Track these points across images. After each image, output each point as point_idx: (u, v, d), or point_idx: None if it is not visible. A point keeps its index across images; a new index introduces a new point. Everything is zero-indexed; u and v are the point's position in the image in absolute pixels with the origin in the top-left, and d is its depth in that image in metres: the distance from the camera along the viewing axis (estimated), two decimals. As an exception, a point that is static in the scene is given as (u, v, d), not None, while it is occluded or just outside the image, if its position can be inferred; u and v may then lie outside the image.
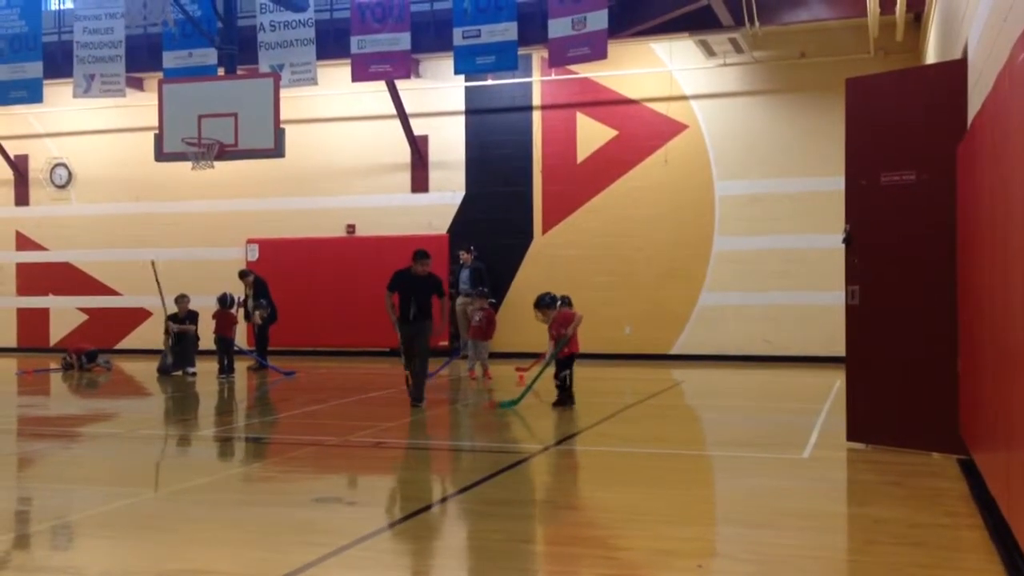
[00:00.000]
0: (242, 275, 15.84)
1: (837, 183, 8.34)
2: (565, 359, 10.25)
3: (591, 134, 17.56)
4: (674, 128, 17.15)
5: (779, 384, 13.71)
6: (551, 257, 17.58)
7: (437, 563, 4.98)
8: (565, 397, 10.25)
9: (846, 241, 7.61)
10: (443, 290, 10.78)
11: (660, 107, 17.21)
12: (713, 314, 16.92)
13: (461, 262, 17.25)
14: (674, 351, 17.05)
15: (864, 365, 7.57)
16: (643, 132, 17.28)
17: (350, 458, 7.81)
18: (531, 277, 17.59)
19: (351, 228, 18.70)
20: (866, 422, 7.57)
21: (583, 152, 17.63)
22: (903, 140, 7.37)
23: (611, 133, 17.49)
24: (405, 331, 10.49)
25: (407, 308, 10.43)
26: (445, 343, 17.32)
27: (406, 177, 18.59)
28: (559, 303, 10.64)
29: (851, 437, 7.64)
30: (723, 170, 16.94)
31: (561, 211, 17.75)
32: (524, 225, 17.90)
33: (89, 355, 15.77)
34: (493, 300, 15.42)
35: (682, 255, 17.07)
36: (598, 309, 16.47)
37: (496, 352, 14.43)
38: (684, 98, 17.14)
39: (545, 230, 17.85)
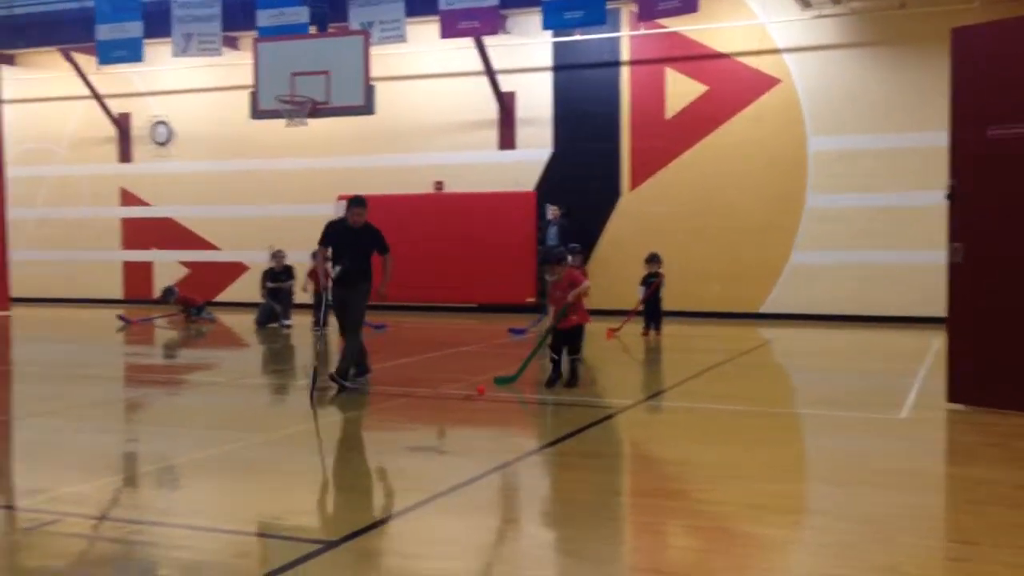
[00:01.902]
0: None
1: (935, 138, 8.10)
2: (573, 330, 8.70)
3: (680, 89, 17.29)
4: (766, 83, 16.76)
5: (873, 344, 13.44)
6: (639, 214, 17.45)
7: (527, 512, 5.09)
8: (574, 377, 8.79)
9: (950, 197, 7.38)
10: (385, 244, 9.00)
11: (752, 61, 16.82)
12: (804, 272, 16.62)
13: (549, 219, 17.27)
14: (763, 309, 16.82)
15: (967, 325, 7.37)
16: (734, 87, 16.93)
17: (441, 410, 7.98)
18: (619, 234, 17.52)
19: (439, 185, 18.85)
20: (968, 383, 7.39)
21: (672, 108, 17.38)
22: (1012, 92, 7.09)
23: (701, 88, 17.18)
24: (337, 294, 8.89)
25: (345, 267, 8.79)
26: (532, 299, 17.46)
27: (493, 134, 18.61)
28: (570, 260, 9.13)
29: (952, 398, 7.48)
30: (817, 126, 16.52)
31: (649, 168, 17.57)
32: (612, 182, 17.78)
33: (198, 308, 16.33)
34: (583, 255, 15.41)
35: (773, 212, 16.76)
36: (686, 266, 16.35)
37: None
38: (777, 52, 16.71)
39: (633, 187, 17.71)
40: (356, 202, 8.92)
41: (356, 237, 8.81)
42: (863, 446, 6.43)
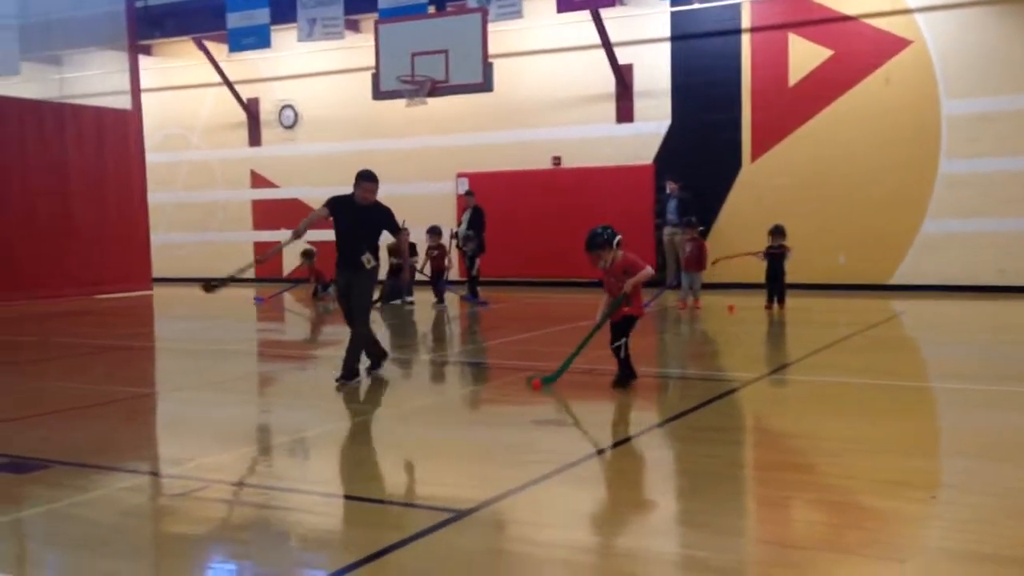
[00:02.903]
0: (468, 195, 16.14)
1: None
2: (623, 322, 7.48)
3: (804, 55, 16.78)
4: (896, 45, 16.10)
5: (1013, 316, 12.82)
6: (760, 185, 17.08)
7: (652, 485, 5.10)
8: (625, 373, 7.53)
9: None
10: (397, 225, 8.13)
11: (881, 23, 16.17)
12: (937, 242, 15.96)
13: (667, 192, 17.08)
14: (893, 281, 16.25)
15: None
16: (861, 50, 16.33)
17: (564, 384, 8.02)
18: (739, 206, 17.20)
19: (557, 160, 18.87)
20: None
21: (795, 75, 16.89)
22: None
23: (826, 53, 16.63)
24: (340, 279, 8.02)
25: (346, 247, 7.83)
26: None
27: (611, 107, 18.49)
28: (616, 241, 7.38)
29: (1098, 372, 7.10)
30: (951, 88, 15.78)
31: (772, 137, 17.15)
32: (732, 153, 17.44)
33: (325, 285, 16.88)
34: (702, 229, 15.21)
35: (903, 180, 16.13)
36: (810, 238, 15.93)
37: (703, 283, 14.27)
38: (908, 11, 16.02)
39: (754, 158, 17.32)
40: (365, 176, 7.82)
41: (364, 215, 7.86)
42: (1004, 421, 6.18)
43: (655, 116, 18.04)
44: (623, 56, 17.98)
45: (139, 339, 12.55)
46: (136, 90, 19.52)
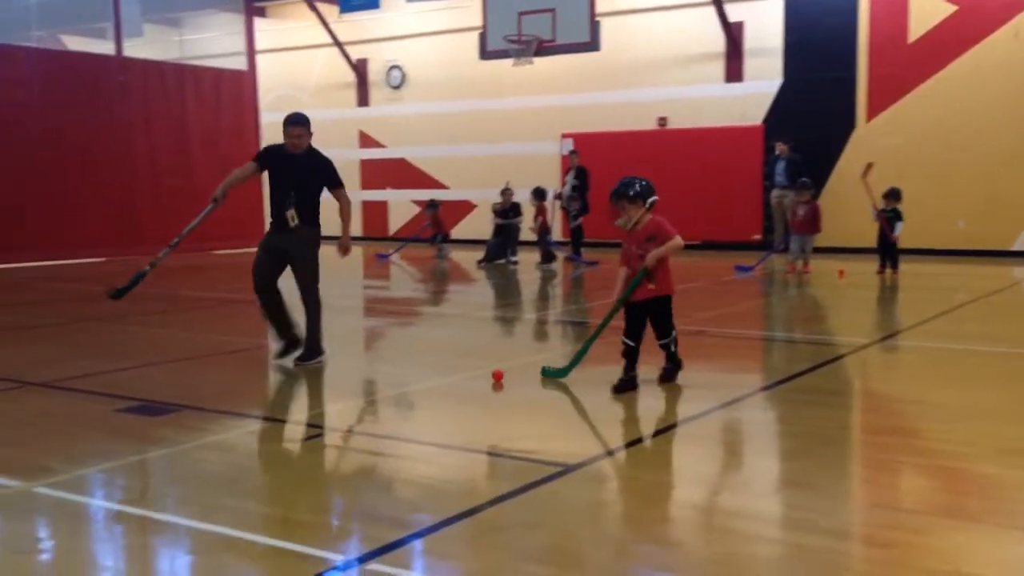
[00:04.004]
0: (572, 154, 16.10)
1: None
2: (653, 306, 6.09)
3: (926, 10, 16.08)
4: (1027, -2, 15.29)
5: None
6: (876, 146, 16.51)
7: (758, 445, 5.08)
8: (673, 365, 6.21)
9: None
10: (337, 177, 6.90)
11: (1011, -25, 15.36)
12: (1066, 207, 15.21)
13: (776, 153, 16.69)
14: (1016, 247, 15.58)
15: None
16: (989, 4, 15.56)
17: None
18: (852, 169, 16.65)
19: (663, 121, 18.63)
20: None
21: (916, 30, 16.22)
22: None
23: (949, 8, 15.90)
24: (268, 242, 6.93)
25: (280, 204, 6.75)
26: (758, 236, 17.01)
27: (719, 66, 18.12)
28: (651, 201, 6.07)
29: None
30: (1087, 44, 14.92)
31: (889, 96, 16.54)
32: (846, 113, 16.91)
33: (444, 236, 17.14)
34: (815, 191, 14.84)
35: (1030, 142, 15.39)
36: (928, 202, 15.40)
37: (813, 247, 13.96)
38: (1042, -38, 15.18)
39: (870, 117, 16.76)
40: (291, 120, 6.71)
41: (298, 166, 6.72)
42: None
43: (766, 75, 17.60)
44: (734, 13, 17.56)
45: (251, 293, 12.98)
46: (251, 51, 20.06)
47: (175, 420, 5.38)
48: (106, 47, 18.31)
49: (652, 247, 5.93)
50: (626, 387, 5.91)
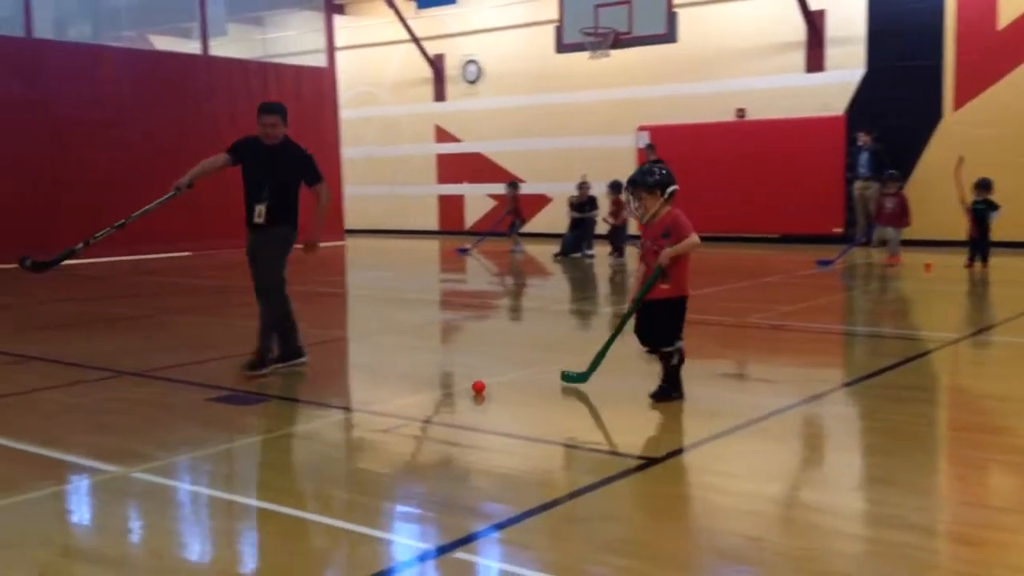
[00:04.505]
0: (649, 148, 16.02)
1: None
2: (662, 308, 5.57)
3: (1018, -5, 15.55)
4: None
5: None
6: (963, 137, 16.02)
7: (841, 441, 5.01)
8: (669, 383, 5.58)
9: None
10: (317, 173, 6.45)
11: (1110, -44, 14.75)
12: None
13: (859, 144, 16.34)
14: (1113, 240, 14.97)
15: None
16: (1085, -12, 14.97)
17: (750, 338, 7.94)
18: (939, 160, 16.20)
19: (741, 112, 18.37)
20: None
21: (1006, 16, 15.68)
22: None
23: (1043, -8, 15.35)
24: (248, 248, 6.55)
25: (251, 200, 6.36)
26: (839, 229, 16.68)
27: (800, 56, 17.78)
28: (669, 191, 5.52)
29: None
30: None
31: (977, 85, 16.04)
32: (932, 102, 16.44)
33: (522, 221, 17.16)
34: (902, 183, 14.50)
35: None
36: (1017, 193, 14.87)
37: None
38: None
39: (957, 107, 16.27)
40: (262, 108, 6.35)
41: (271, 159, 6.34)
42: None
43: (848, 64, 17.22)
44: (815, 1, 17.21)
45: (333, 286, 13.26)
46: (331, 48, 20.40)
47: (262, 410, 5.54)
48: (192, 47, 18.82)
49: (667, 244, 5.46)
50: (667, 394, 5.53)
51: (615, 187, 15.51)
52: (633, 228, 16.36)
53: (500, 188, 20.12)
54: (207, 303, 11.08)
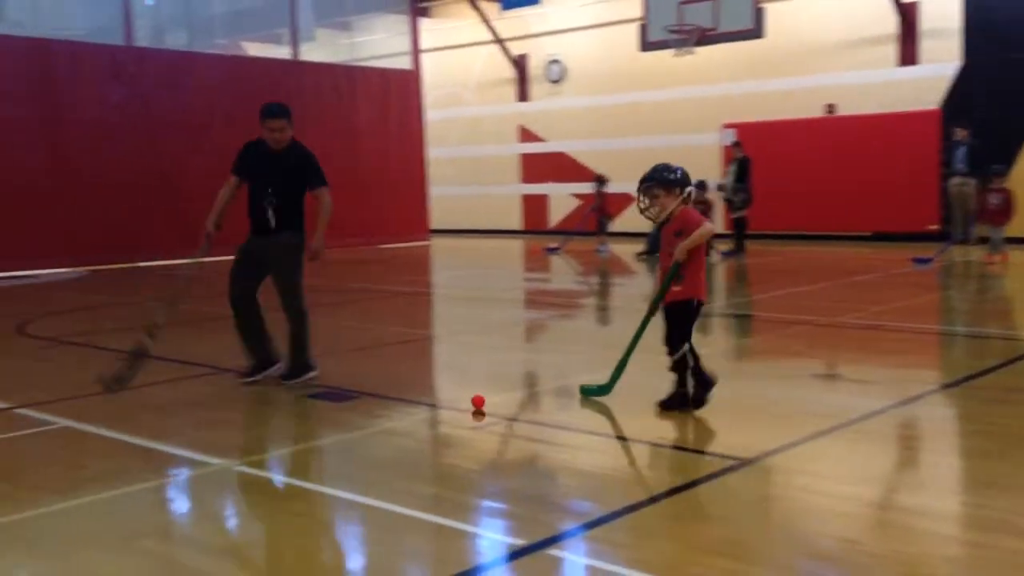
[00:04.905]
0: (735, 146, 15.73)
1: None
2: (675, 311, 5.33)
3: None
4: None
5: None
6: (1068, 130, 15.43)
7: (943, 444, 4.88)
8: (679, 391, 5.35)
9: None
10: (322, 177, 6.18)
11: None
12: None
13: (955, 139, 15.81)
14: None
15: None
16: None
17: (843, 338, 7.78)
18: (1041, 153, 15.66)
19: (830, 108, 17.99)
20: None
21: (1115, 4, 15.03)
22: None
23: None
24: (247, 248, 6.23)
25: (258, 207, 6.11)
26: (935, 227, 16.20)
27: (891, 49, 17.33)
28: (687, 191, 5.35)
29: None
30: None
31: (1082, 76, 15.41)
32: (1034, 95, 15.86)
33: (608, 217, 17.11)
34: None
35: None
36: None
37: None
38: None
39: (1060, 99, 15.66)
40: (268, 112, 6.05)
41: (278, 165, 6.09)
42: None
43: (943, 57, 16.71)
44: (908, -7, 16.78)
45: (418, 286, 13.45)
46: (416, 51, 20.67)
47: (355, 406, 5.66)
48: (282, 52, 19.28)
49: (680, 243, 5.21)
50: (683, 401, 5.28)
51: (700, 186, 15.35)
52: (718, 227, 16.18)
53: (584, 187, 20.12)
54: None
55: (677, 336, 5.27)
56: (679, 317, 5.29)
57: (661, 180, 5.30)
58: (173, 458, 4.70)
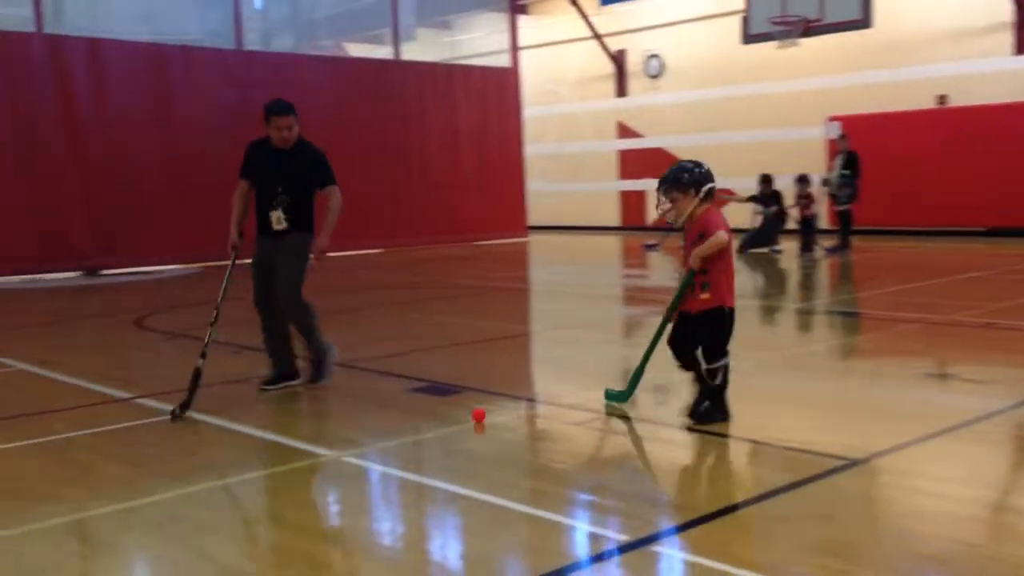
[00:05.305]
0: (842, 138, 15.25)
1: None
2: (703, 321, 5.00)
3: None
4: None
5: None
6: None
7: (1068, 448, 4.69)
8: (707, 405, 5.04)
9: None
10: (329, 174, 5.99)
11: None
12: None
13: (1079, 129, 15.11)
14: None
15: None
16: None
17: (958, 336, 7.52)
18: None
19: (942, 99, 17.36)
20: None
21: None
22: None
23: None
24: (258, 255, 6.03)
25: (266, 208, 5.95)
26: None
27: (1007, 38, 16.62)
28: (706, 190, 5.04)
29: None
30: None
31: None
32: None
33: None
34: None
35: None
36: None
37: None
38: None
39: None
40: (275, 109, 5.86)
41: (286, 163, 5.93)
42: None
43: (1065, 43, 15.95)
44: (1026, -22, 16.06)
45: (517, 282, 13.53)
46: (515, 48, 20.77)
47: (460, 400, 5.75)
48: (384, 52, 19.62)
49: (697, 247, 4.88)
50: (705, 413, 5.01)
51: (802, 180, 15.04)
52: (823, 222, 15.81)
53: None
54: (401, 297, 11.55)
55: (715, 346, 4.99)
56: (711, 327, 4.97)
57: (675, 182, 5.03)
58: (284, 448, 4.86)
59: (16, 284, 14.09)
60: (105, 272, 15.21)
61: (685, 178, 5.02)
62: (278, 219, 5.89)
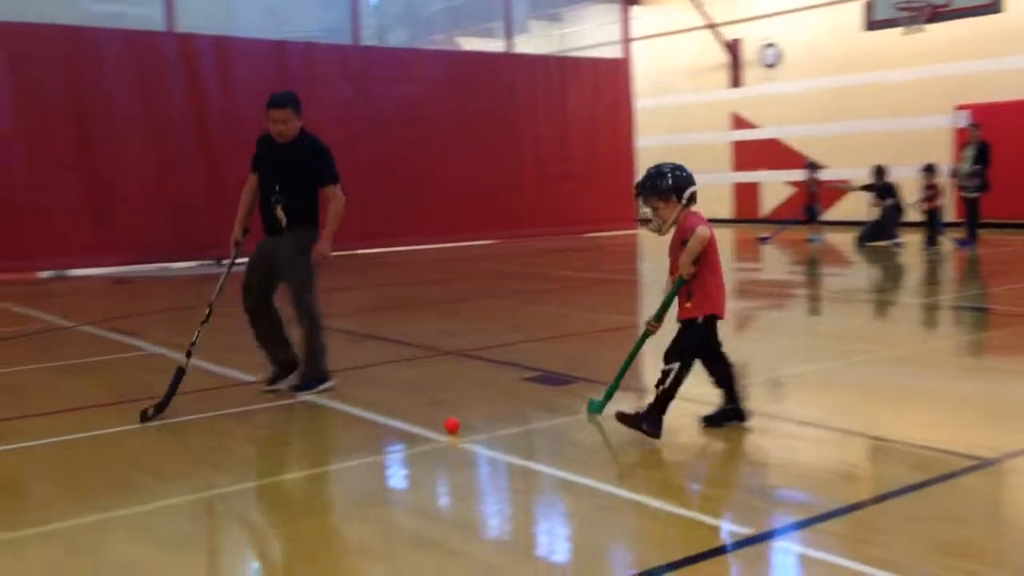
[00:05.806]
0: (972, 127, 14.62)
1: None
2: (683, 330, 4.84)
3: None
4: None
5: None
6: None
7: None
8: (653, 414, 4.68)
9: None
10: (331, 170, 5.69)
11: None
12: None
13: None
14: None
15: None
16: None
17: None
18: None
19: (1080, 85, 16.46)
20: None
21: None
22: None
23: None
24: (258, 251, 5.78)
25: (266, 205, 5.70)
26: None
27: None
28: (688, 194, 4.75)
29: None
30: None
31: None
32: None
33: (819, 208, 16.51)
34: None
35: None
36: None
37: None
38: None
39: None
40: (271, 101, 5.60)
41: (283, 159, 5.66)
42: None
43: None
44: None
45: (627, 273, 13.47)
46: (626, 39, 20.63)
47: (572, 390, 5.77)
48: (496, 45, 19.77)
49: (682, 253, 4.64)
50: (722, 417, 4.85)
51: (928, 170, 14.49)
52: (950, 215, 15.19)
53: (799, 175, 19.46)
54: (511, 288, 11.65)
55: (674, 349, 4.75)
56: (683, 332, 4.78)
57: (654, 188, 4.70)
58: (403, 434, 4.98)
59: (152, 271, 14.81)
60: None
61: (664, 184, 4.69)
62: (278, 215, 5.66)
